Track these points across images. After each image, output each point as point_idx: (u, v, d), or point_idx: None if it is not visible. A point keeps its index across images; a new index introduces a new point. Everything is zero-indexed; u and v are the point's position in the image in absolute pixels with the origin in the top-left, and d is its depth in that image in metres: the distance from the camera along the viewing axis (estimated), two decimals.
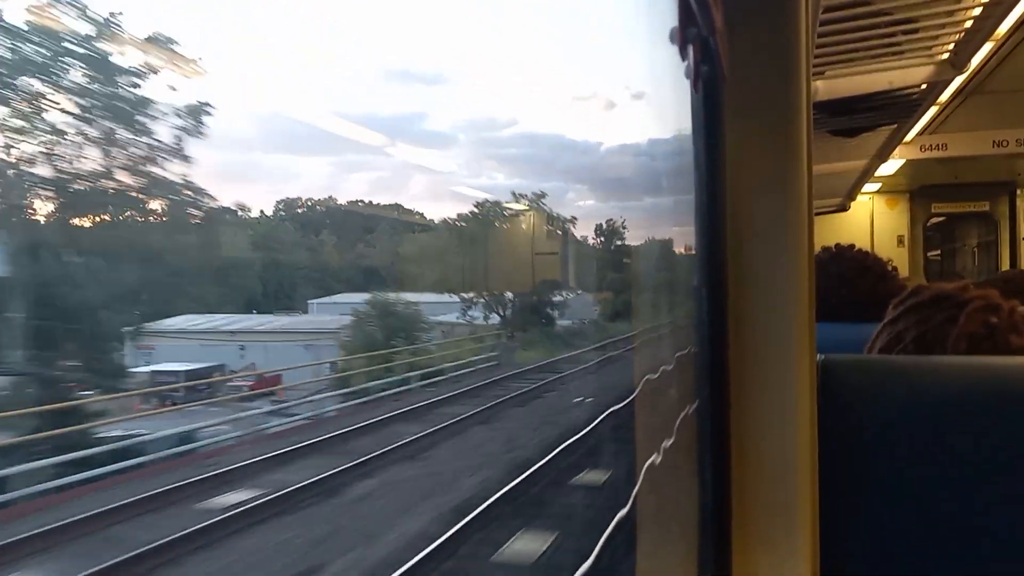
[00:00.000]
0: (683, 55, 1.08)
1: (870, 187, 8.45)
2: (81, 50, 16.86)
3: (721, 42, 1.05)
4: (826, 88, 3.44)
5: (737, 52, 1.12)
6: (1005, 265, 8.76)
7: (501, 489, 9.78)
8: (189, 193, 19.81)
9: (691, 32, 1.01)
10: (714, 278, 1.16)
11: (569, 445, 12.30)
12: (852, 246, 2.51)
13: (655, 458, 1.44)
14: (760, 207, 1.13)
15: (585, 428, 13.32)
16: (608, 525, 7.61)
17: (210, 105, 19.21)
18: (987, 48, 3.57)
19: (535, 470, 10.81)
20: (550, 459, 11.46)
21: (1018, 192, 8.99)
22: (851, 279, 2.34)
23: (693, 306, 1.27)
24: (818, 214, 8.02)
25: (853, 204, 8.91)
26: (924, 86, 3.76)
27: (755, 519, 1.14)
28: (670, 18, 1.04)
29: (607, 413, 14.05)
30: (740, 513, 1.14)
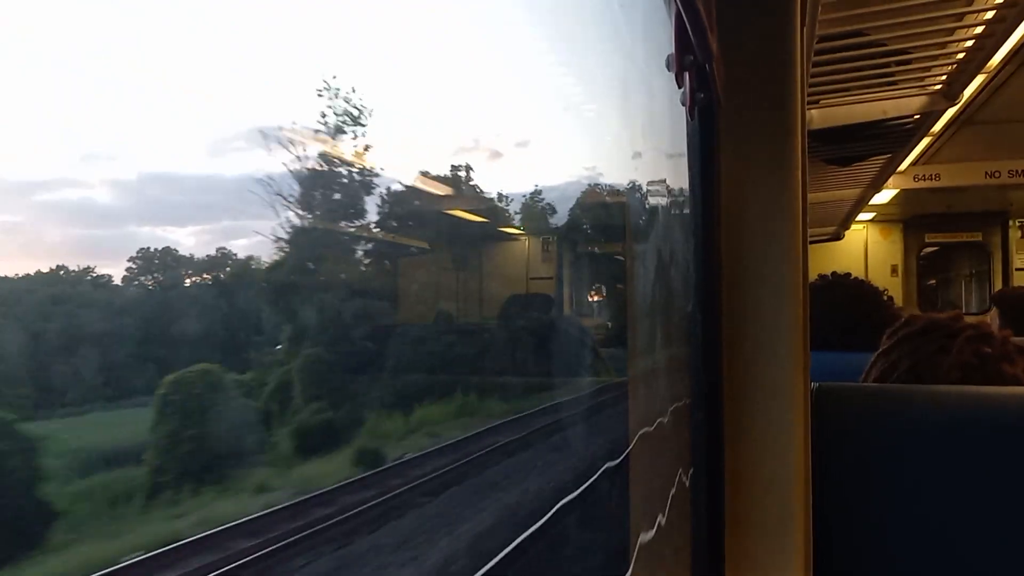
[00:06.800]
0: (679, 82, 1.08)
1: (864, 216, 8.50)
2: None
3: (717, 70, 1.06)
4: (820, 117, 3.46)
5: (733, 80, 1.13)
6: None
7: None
8: None
9: (687, 59, 1.02)
10: (709, 305, 1.16)
11: None
12: (847, 275, 2.51)
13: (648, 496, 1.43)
14: (755, 235, 1.13)
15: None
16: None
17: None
18: (979, 80, 3.61)
19: None
20: None
21: (1010, 223, 9.06)
22: (846, 308, 2.34)
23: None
24: (812, 243, 8.06)
25: (847, 233, 8.96)
26: (917, 116, 3.80)
27: (750, 548, 1.13)
28: (667, 45, 1.05)
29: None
30: (735, 542, 1.13)
